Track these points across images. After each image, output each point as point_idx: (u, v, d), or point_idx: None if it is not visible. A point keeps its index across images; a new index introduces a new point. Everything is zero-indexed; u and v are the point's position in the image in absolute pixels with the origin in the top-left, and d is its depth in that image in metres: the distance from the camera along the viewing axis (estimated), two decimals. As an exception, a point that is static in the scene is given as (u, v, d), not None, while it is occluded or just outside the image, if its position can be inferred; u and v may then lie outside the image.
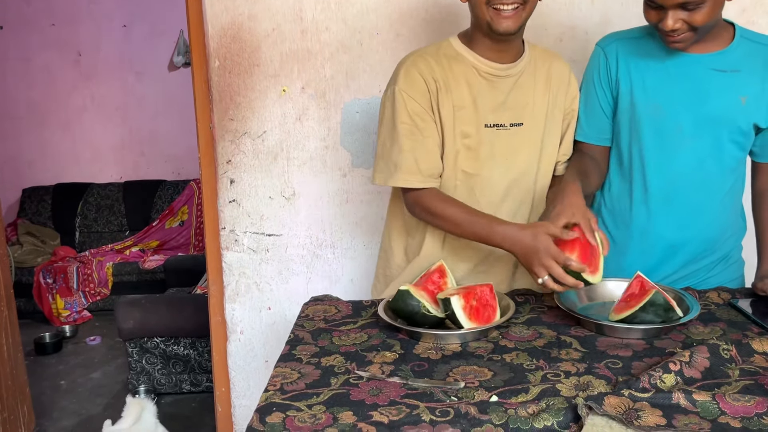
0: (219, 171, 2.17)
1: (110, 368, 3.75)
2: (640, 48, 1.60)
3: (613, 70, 1.61)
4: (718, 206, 1.64)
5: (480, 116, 1.56)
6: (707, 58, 1.55)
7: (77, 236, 5.08)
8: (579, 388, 1.16)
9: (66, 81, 5.15)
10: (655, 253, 1.66)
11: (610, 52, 1.62)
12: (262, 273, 2.23)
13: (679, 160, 1.59)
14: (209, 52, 2.10)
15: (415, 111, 1.54)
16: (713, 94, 1.54)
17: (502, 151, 1.59)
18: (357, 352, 1.35)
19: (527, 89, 1.60)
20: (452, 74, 1.55)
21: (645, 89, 1.58)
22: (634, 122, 1.60)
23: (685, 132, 1.57)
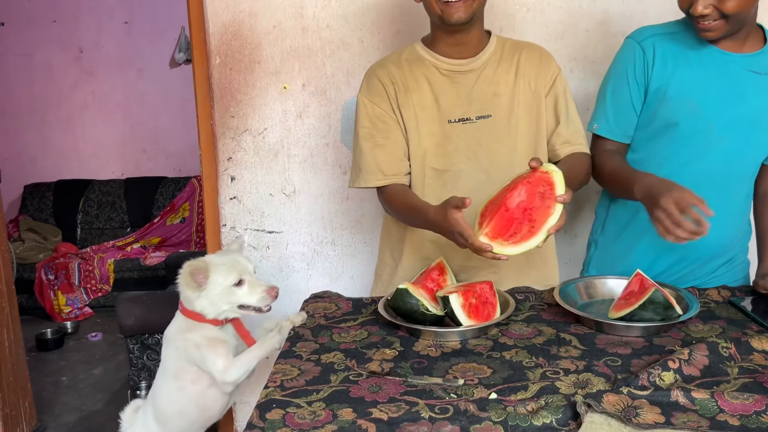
0: (220, 168, 2.17)
1: (111, 364, 3.75)
2: (676, 43, 1.55)
3: (650, 65, 1.56)
4: (735, 211, 1.63)
5: (443, 113, 1.60)
6: (743, 59, 1.52)
7: (79, 233, 5.09)
8: (578, 386, 1.16)
9: (67, 77, 5.15)
10: (664, 252, 1.63)
11: (647, 47, 1.56)
12: (263, 270, 2.23)
13: (708, 159, 1.55)
14: (210, 49, 2.10)
15: (376, 114, 1.61)
16: (749, 95, 1.52)
17: (470, 145, 1.60)
18: (357, 349, 1.35)
19: (492, 81, 1.61)
20: (413, 76, 1.60)
21: (681, 85, 1.54)
22: (666, 118, 1.56)
23: (716, 131, 1.54)
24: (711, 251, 1.63)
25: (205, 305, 1.50)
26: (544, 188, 1.34)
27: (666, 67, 1.55)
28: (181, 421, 1.61)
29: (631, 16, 2.05)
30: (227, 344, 1.53)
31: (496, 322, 1.41)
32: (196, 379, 1.55)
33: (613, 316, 1.40)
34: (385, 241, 1.79)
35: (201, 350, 1.51)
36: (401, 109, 1.60)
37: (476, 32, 1.60)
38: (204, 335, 1.52)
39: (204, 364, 1.51)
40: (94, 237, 5.07)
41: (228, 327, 1.57)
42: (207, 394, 1.56)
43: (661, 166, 1.57)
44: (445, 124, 1.60)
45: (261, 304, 1.51)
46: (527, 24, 2.06)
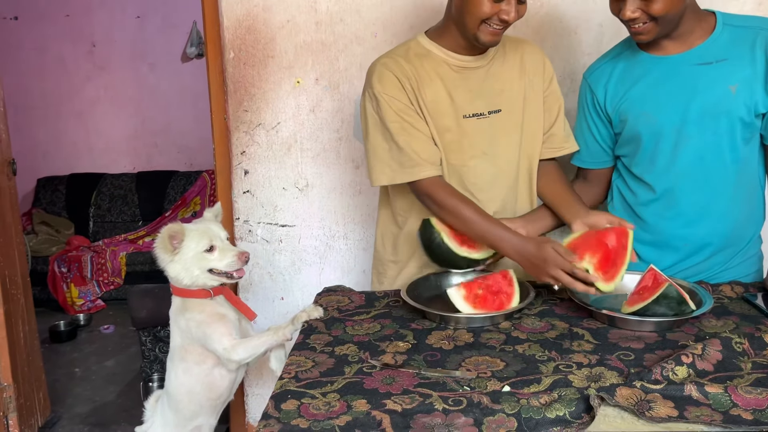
0: (233, 162, 2.19)
1: (123, 356, 3.79)
2: (621, 64, 1.62)
3: (600, 99, 1.64)
4: (727, 201, 1.62)
5: (458, 108, 1.61)
6: (689, 55, 1.53)
7: (91, 226, 5.13)
8: (591, 379, 1.17)
9: (80, 72, 5.18)
10: (667, 251, 1.65)
11: (593, 82, 1.66)
12: (276, 263, 2.25)
13: (679, 160, 1.58)
14: (224, 44, 2.11)
15: (400, 109, 1.57)
16: (701, 88, 1.52)
17: (486, 140, 1.63)
18: (370, 341, 1.37)
19: (500, 76, 1.64)
20: (424, 71, 1.59)
21: (633, 102, 1.59)
22: (633, 134, 1.61)
23: (681, 131, 1.56)
24: (716, 241, 1.64)
25: (178, 270, 1.56)
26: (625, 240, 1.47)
27: (617, 91, 1.61)
28: (191, 404, 1.64)
29: (645, 10, 2.04)
30: (227, 319, 1.57)
31: (507, 312, 1.43)
32: (201, 360, 1.58)
33: (626, 311, 1.41)
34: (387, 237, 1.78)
35: (203, 328, 1.55)
36: (419, 103, 1.59)
37: None
38: (202, 311, 1.57)
39: (209, 343, 1.54)
40: (106, 230, 5.11)
41: (221, 299, 1.60)
42: (213, 374, 1.60)
43: (643, 173, 1.63)
44: (461, 119, 1.61)
45: (230, 268, 1.57)
46: (541, 18, 2.06)
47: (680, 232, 1.63)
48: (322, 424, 1.05)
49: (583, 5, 2.04)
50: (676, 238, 1.64)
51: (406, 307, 1.51)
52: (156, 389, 3.17)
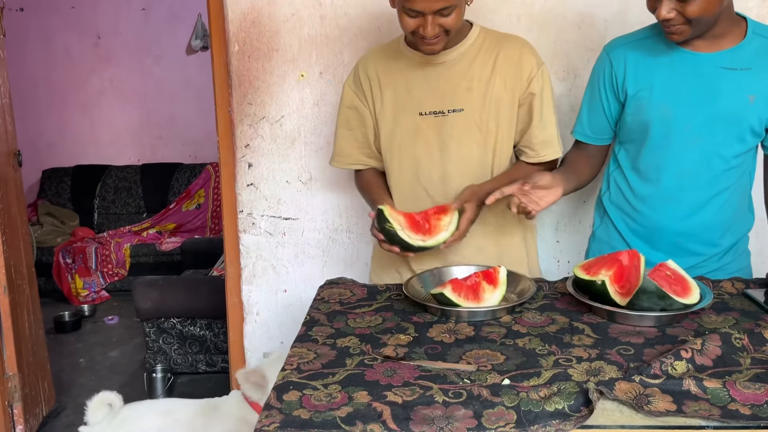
0: (237, 155, 2.19)
1: (128, 347, 3.82)
2: (646, 49, 1.60)
3: (619, 77, 1.62)
4: (721, 200, 1.64)
5: (415, 105, 1.65)
6: (717, 57, 1.53)
7: (96, 217, 5.16)
8: (590, 374, 1.18)
9: (85, 63, 5.20)
10: (661, 246, 1.67)
11: (615, 58, 1.63)
12: (279, 256, 2.26)
13: (688, 158, 1.59)
14: (229, 37, 2.12)
15: (354, 104, 1.74)
16: (723, 92, 1.53)
17: (442, 138, 1.65)
18: (372, 334, 1.38)
19: (466, 75, 1.63)
20: (389, 70, 1.68)
21: (653, 90, 1.58)
22: (644, 123, 1.60)
23: (694, 131, 1.56)
24: (707, 237, 1.66)
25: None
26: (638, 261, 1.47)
27: (638, 74, 1.59)
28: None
29: (650, 6, 2.03)
30: None
31: (511, 306, 1.45)
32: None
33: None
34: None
35: None
36: (375, 103, 1.70)
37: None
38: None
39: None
40: (110, 222, 5.14)
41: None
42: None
43: (645, 168, 1.63)
44: (416, 116, 1.65)
45: None
46: (545, 13, 2.05)
47: (675, 227, 1.65)
48: (323, 415, 1.06)
49: (587, 1, 2.04)
50: (670, 233, 1.65)
51: (408, 301, 1.52)
52: (159, 380, 3.21)
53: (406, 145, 1.67)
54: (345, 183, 2.21)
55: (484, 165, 1.68)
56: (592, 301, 1.43)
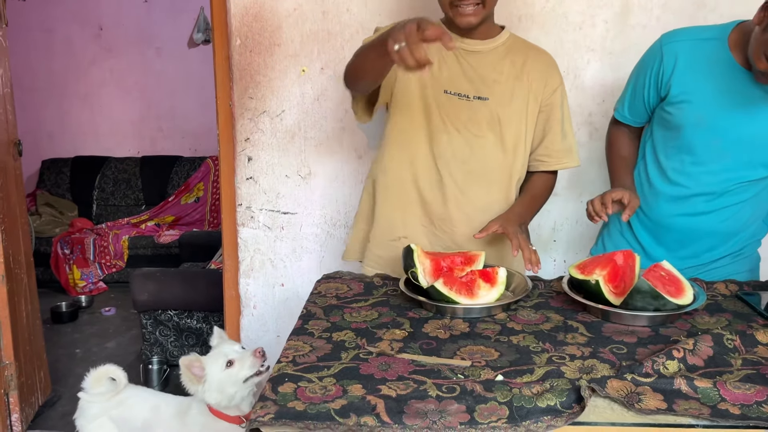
0: (237, 148, 2.20)
1: (124, 339, 3.82)
2: (703, 52, 1.57)
3: (667, 73, 1.60)
4: (737, 208, 1.66)
5: (443, 82, 1.65)
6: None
7: (94, 209, 5.16)
8: (583, 371, 1.19)
9: (86, 54, 5.19)
10: (666, 241, 1.70)
11: (667, 53, 1.60)
12: (277, 250, 2.27)
13: (709, 169, 1.60)
14: (231, 31, 2.12)
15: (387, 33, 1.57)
16: (761, 117, 1.54)
17: (461, 119, 1.66)
18: (368, 328, 1.39)
19: (495, 67, 1.66)
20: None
21: (696, 96, 1.57)
22: (678, 125, 1.61)
23: (723, 146, 1.58)
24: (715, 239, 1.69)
25: (215, 396, 1.67)
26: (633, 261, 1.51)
27: (685, 76, 1.58)
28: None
29: (651, 8, 2.05)
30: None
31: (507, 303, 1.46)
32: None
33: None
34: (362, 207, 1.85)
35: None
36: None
37: (485, 26, 1.65)
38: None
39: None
40: (109, 213, 5.14)
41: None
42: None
43: (667, 165, 1.65)
44: (441, 93, 1.66)
45: (255, 368, 1.67)
46: (546, 13, 2.06)
47: (685, 226, 1.67)
48: (317, 407, 1.07)
49: (588, 2, 2.05)
50: (677, 232, 1.68)
51: (404, 296, 1.53)
52: (155, 372, 3.22)
53: (426, 116, 1.66)
54: (344, 178, 2.22)
55: (497, 157, 1.69)
56: (587, 300, 1.44)
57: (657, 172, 1.69)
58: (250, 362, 1.67)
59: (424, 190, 1.71)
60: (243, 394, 1.68)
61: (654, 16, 2.04)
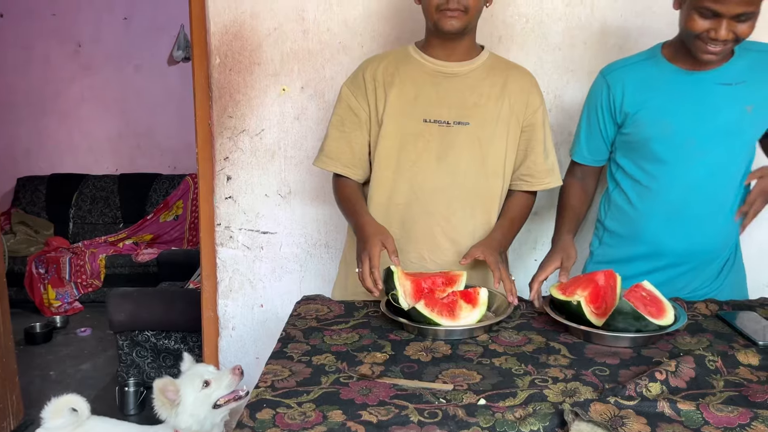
0: (216, 167, 2.18)
1: (100, 360, 3.74)
2: (643, 70, 1.64)
3: (617, 98, 1.65)
4: (724, 218, 1.68)
5: (420, 111, 1.65)
6: (713, 74, 1.58)
7: (71, 227, 5.08)
8: (566, 394, 1.18)
9: (65, 71, 5.14)
10: (661, 264, 1.70)
11: (612, 80, 1.66)
12: (256, 270, 2.24)
13: (691, 173, 1.63)
14: (210, 49, 2.11)
15: (351, 106, 1.70)
16: (723, 107, 1.58)
17: (443, 148, 1.65)
18: (348, 351, 1.36)
19: (475, 90, 1.66)
20: (398, 73, 1.67)
21: (654, 108, 1.62)
22: (646, 139, 1.63)
23: (697, 146, 1.60)
24: (706, 256, 1.71)
25: (187, 419, 1.61)
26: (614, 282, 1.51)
27: (637, 93, 1.63)
28: None
29: (628, 30, 2.07)
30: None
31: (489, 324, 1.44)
32: None
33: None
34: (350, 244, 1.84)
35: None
36: (377, 104, 1.68)
37: (467, 42, 1.67)
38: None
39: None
40: (86, 232, 5.06)
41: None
42: None
43: (648, 185, 1.66)
44: (420, 122, 1.65)
45: (231, 387, 1.63)
46: (526, 34, 2.08)
47: (679, 245, 1.68)
48: (296, 434, 1.05)
49: (567, 23, 2.07)
50: (671, 252, 1.69)
51: (385, 318, 1.51)
52: (131, 394, 3.15)
53: (406, 149, 1.66)
54: (324, 197, 2.20)
55: (479, 182, 1.69)
56: (569, 321, 1.43)
57: (639, 192, 1.69)
58: (227, 381, 1.63)
59: (410, 226, 1.69)
60: (215, 421, 1.63)
61: (632, 37, 2.06)
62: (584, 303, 1.42)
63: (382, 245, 1.54)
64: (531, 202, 1.78)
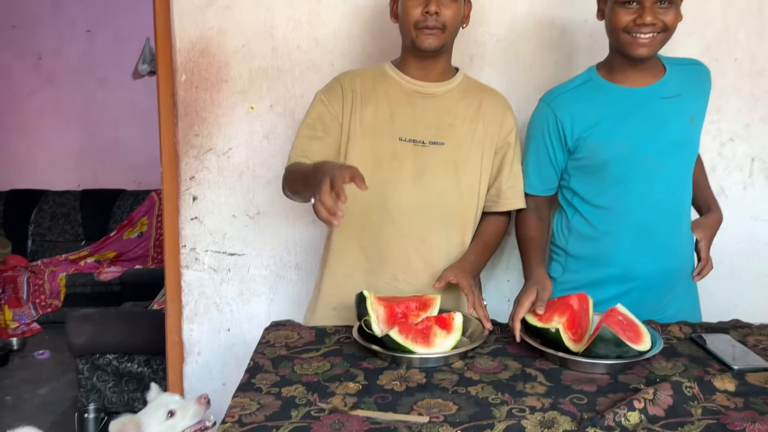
0: (182, 187, 2.11)
1: (59, 384, 3.61)
2: (586, 93, 1.65)
3: (566, 123, 1.64)
4: (685, 234, 1.71)
5: (396, 129, 1.64)
6: (654, 89, 1.62)
7: (30, 245, 4.92)
8: (544, 425, 1.15)
9: (24, 84, 5.01)
10: (634, 287, 1.68)
11: (558, 106, 1.66)
12: (223, 293, 2.17)
13: (653, 190, 1.63)
14: (176, 66, 2.05)
15: (325, 112, 1.66)
16: (669, 120, 1.61)
17: (417, 166, 1.64)
18: (319, 382, 1.32)
19: (451, 111, 1.66)
20: (374, 90, 1.66)
21: (606, 129, 1.62)
22: (603, 162, 1.63)
23: (653, 162, 1.62)
24: (677, 274, 1.71)
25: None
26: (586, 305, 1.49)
27: (586, 116, 1.63)
28: None
29: (598, 50, 2.07)
30: None
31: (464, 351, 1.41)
32: None
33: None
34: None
35: None
36: (352, 117, 1.65)
37: (443, 63, 1.67)
38: None
39: None
40: (45, 250, 4.91)
41: None
42: None
43: (612, 207, 1.65)
44: (396, 141, 1.64)
45: (198, 416, 1.58)
46: (497, 53, 2.07)
47: (647, 267, 1.67)
48: (265, 474, 1.00)
49: (538, 43, 2.07)
50: (642, 273, 1.67)
51: (357, 345, 1.46)
52: (91, 420, 3.03)
53: (381, 167, 1.63)
54: (294, 217, 2.16)
55: (454, 203, 1.67)
56: (544, 347, 1.41)
57: (601, 215, 1.68)
58: (193, 411, 1.57)
59: (384, 246, 1.66)
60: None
61: (600, 57, 2.06)
62: (562, 330, 1.40)
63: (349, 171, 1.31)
64: (505, 225, 1.76)
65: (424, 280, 1.67)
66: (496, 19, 2.05)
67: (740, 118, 2.10)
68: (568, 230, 1.74)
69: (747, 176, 2.14)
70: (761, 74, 2.08)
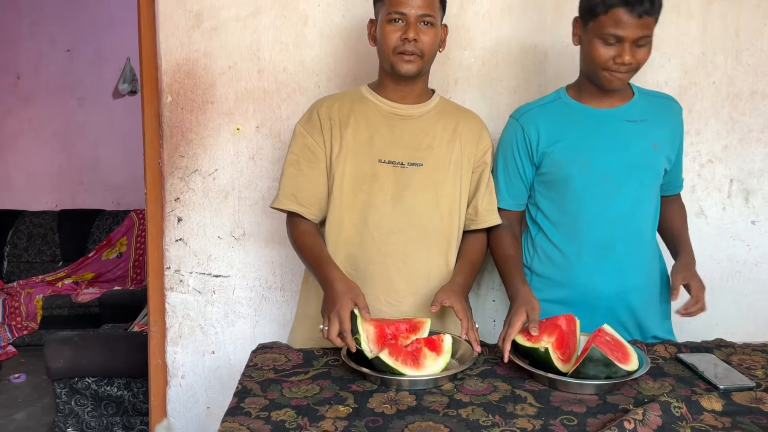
0: (166, 208, 2.10)
1: (35, 409, 3.52)
2: (554, 110, 1.70)
3: (533, 138, 1.69)
4: (651, 252, 1.74)
5: (375, 152, 1.66)
6: (619, 111, 1.67)
7: (5, 266, 4.82)
8: (536, 448, 1.15)
9: (2, 103, 4.95)
10: (600, 305, 1.70)
11: (526, 122, 1.71)
12: (208, 315, 2.15)
13: (613, 209, 1.67)
14: (161, 87, 2.05)
15: (307, 144, 1.69)
16: (632, 142, 1.66)
17: (397, 188, 1.66)
18: (309, 405, 1.31)
19: (428, 132, 1.69)
20: (353, 113, 1.68)
21: (569, 145, 1.67)
22: (566, 179, 1.67)
23: (613, 181, 1.66)
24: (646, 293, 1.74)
25: None
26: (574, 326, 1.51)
27: (551, 132, 1.68)
28: None
29: (580, 74, 2.12)
30: None
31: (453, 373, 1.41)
32: None
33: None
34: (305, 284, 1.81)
35: None
36: (332, 143, 1.67)
37: (420, 86, 1.70)
38: None
39: None
40: (22, 271, 4.81)
41: None
42: None
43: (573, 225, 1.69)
44: (375, 163, 1.66)
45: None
46: (482, 77, 2.10)
47: (611, 285, 1.69)
48: (258, 502, 0.98)
49: (522, 67, 2.10)
50: (606, 291, 1.69)
51: (346, 367, 1.46)
52: (70, 447, 2.96)
53: (361, 189, 1.65)
54: (279, 239, 2.15)
55: (435, 223, 1.68)
56: (533, 368, 1.41)
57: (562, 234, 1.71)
58: None
59: (365, 267, 1.67)
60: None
61: (583, 82, 2.11)
62: (551, 349, 1.41)
63: (354, 303, 1.48)
64: (485, 242, 1.78)
65: (406, 300, 1.68)
66: (480, 43, 2.08)
67: (719, 140, 2.15)
68: (533, 248, 1.77)
69: (726, 197, 2.19)
70: (739, 97, 2.14)
